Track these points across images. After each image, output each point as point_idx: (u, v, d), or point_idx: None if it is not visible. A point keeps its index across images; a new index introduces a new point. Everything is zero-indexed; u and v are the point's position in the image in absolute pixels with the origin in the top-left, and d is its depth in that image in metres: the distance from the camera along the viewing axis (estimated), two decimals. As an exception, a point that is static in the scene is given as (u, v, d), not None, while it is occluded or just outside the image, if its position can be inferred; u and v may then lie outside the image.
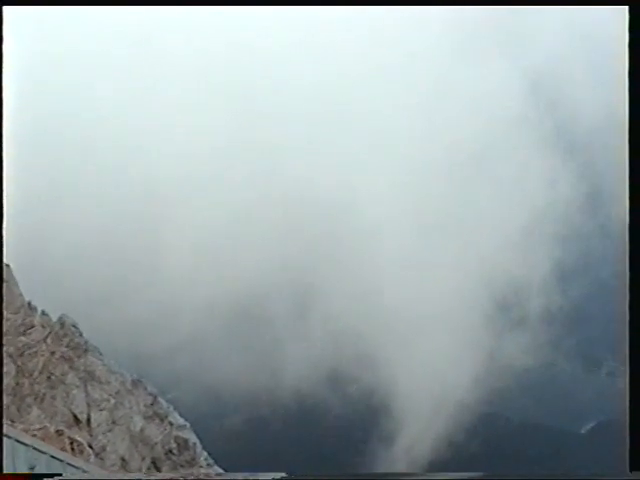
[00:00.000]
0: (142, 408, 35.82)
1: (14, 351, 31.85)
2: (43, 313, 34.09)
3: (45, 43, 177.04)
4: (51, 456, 22.34)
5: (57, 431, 28.74)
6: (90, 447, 30.70)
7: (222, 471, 36.63)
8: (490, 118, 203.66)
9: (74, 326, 34.67)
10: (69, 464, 23.58)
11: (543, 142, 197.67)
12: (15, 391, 31.19)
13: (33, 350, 32.62)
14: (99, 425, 33.17)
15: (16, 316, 32.37)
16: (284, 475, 19.91)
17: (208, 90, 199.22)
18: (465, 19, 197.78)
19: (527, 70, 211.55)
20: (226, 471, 36.66)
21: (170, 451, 35.76)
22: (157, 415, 36.42)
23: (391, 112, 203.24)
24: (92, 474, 23.94)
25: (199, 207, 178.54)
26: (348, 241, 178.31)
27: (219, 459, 38.77)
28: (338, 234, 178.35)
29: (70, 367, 33.57)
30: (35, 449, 21.18)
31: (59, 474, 19.09)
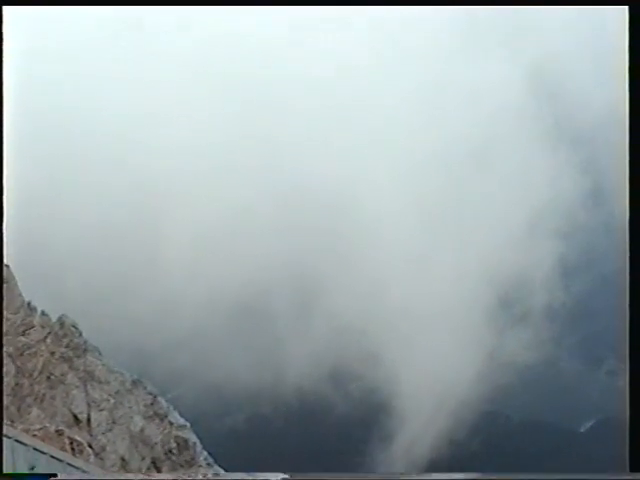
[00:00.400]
0: (142, 408, 35.80)
1: (14, 351, 31.84)
2: (43, 313, 34.07)
3: (44, 38, 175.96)
4: (51, 456, 22.36)
5: (57, 431, 28.74)
6: (90, 447, 30.70)
7: (222, 471, 36.61)
8: (491, 112, 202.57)
9: (74, 326, 34.65)
10: (69, 464, 23.60)
11: (545, 136, 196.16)
12: (15, 391, 31.18)
13: (33, 350, 32.61)
14: (99, 425, 33.16)
15: (16, 316, 32.37)
16: (284, 476, 19.90)
17: (208, 84, 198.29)
18: (465, 13, 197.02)
19: (528, 64, 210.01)
20: (226, 471, 36.64)
21: (170, 451, 35.75)
22: (157, 415, 36.40)
23: (392, 106, 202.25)
24: (89, 474, 23.95)
25: (199, 202, 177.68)
26: (349, 237, 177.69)
27: (219, 458, 38.75)
28: (339, 230, 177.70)
29: (70, 367, 33.56)
30: (35, 449, 21.20)
31: (54, 475, 19.10)
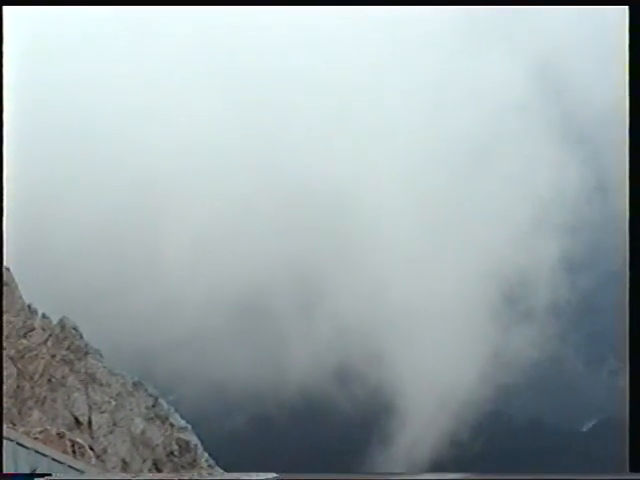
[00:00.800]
0: (143, 410, 35.80)
1: (15, 354, 31.84)
2: (43, 316, 34.09)
3: (44, 38, 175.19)
4: (52, 459, 22.33)
5: (58, 434, 28.72)
6: (91, 449, 30.68)
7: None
8: (494, 110, 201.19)
9: (74, 329, 34.65)
10: (70, 467, 23.57)
11: (550, 131, 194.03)
12: (16, 394, 31.19)
13: (34, 353, 32.61)
14: (100, 427, 33.16)
15: (16, 319, 32.38)
16: (275, 475, 19.92)
17: (208, 83, 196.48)
18: (468, 9, 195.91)
19: (532, 59, 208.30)
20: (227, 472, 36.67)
21: (171, 453, 35.75)
22: (158, 417, 36.40)
23: (394, 105, 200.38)
24: (85, 474, 23.93)
25: (199, 201, 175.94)
26: (351, 236, 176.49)
27: (221, 460, 38.73)
28: (341, 229, 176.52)
29: (71, 370, 33.56)
30: (37, 452, 21.18)
31: (49, 474, 19.10)
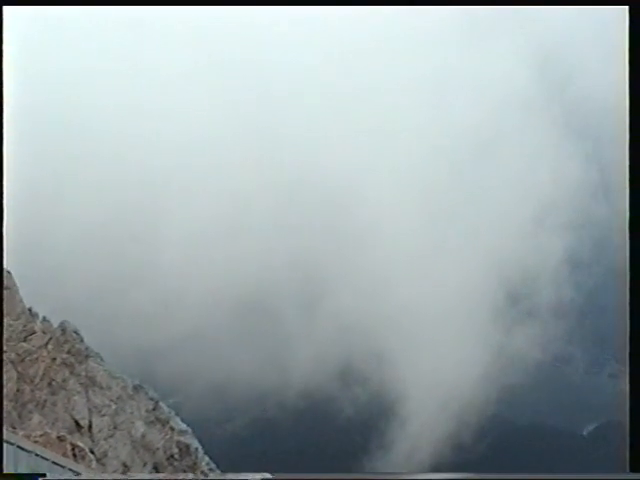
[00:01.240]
0: (143, 413, 35.79)
1: (15, 357, 31.82)
2: (44, 319, 34.07)
3: (44, 38, 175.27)
4: (53, 462, 22.30)
5: (59, 437, 28.69)
6: (92, 453, 30.65)
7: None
8: (497, 104, 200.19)
9: (75, 332, 34.66)
10: (71, 470, 23.54)
11: (553, 127, 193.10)
12: (16, 397, 31.16)
13: (34, 356, 32.59)
14: (100, 431, 33.14)
15: (17, 322, 32.36)
16: (268, 476, 19.92)
17: (208, 80, 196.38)
18: (469, 7, 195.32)
19: (534, 55, 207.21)
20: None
21: (172, 456, 35.73)
22: (159, 420, 36.39)
23: (396, 100, 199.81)
24: (81, 475, 23.90)
25: (199, 198, 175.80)
26: (354, 234, 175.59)
27: (222, 463, 38.71)
28: (343, 227, 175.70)
29: (71, 373, 33.54)
30: (37, 455, 21.15)
31: (43, 474, 19.08)
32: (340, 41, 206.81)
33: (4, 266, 30.70)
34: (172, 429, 36.70)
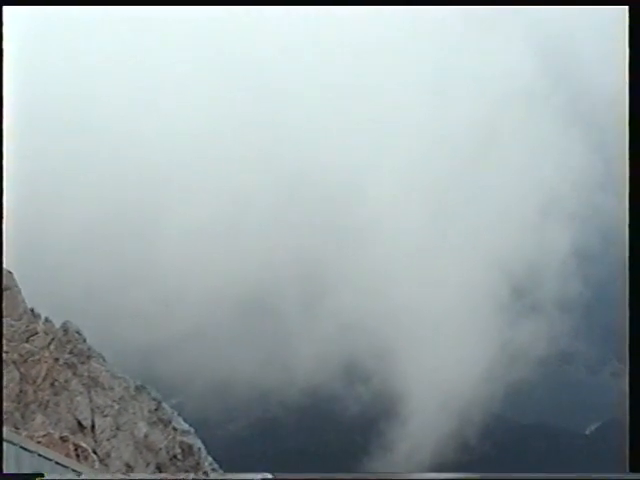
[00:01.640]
0: (146, 414, 35.84)
1: (18, 358, 31.85)
2: (46, 320, 34.11)
3: (44, 36, 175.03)
4: (56, 462, 22.33)
5: (61, 437, 28.72)
6: (95, 453, 30.69)
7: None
8: (500, 96, 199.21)
9: (77, 333, 34.70)
10: (74, 470, 23.58)
11: (556, 118, 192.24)
12: (19, 398, 31.20)
13: (36, 357, 32.62)
14: (103, 431, 33.18)
15: (19, 323, 32.40)
16: (269, 476, 19.94)
17: (209, 74, 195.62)
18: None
19: (538, 46, 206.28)
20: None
21: (175, 456, 35.78)
22: (161, 421, 36.45)
23: (397, 94, 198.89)
24: (81, 475, 23.93)
25: (200, 195, 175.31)
26: (356, 230, 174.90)
27: (225, 463, 38.77)
28: (345, 223, 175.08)
29: (74, 373, 33.59)
30: (40, 455, 21.18)
31: (40, 474, 19.12)
32: (341, 38, 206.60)
33: (6, 266, 30.79)
34: (175, 429, 36.76)
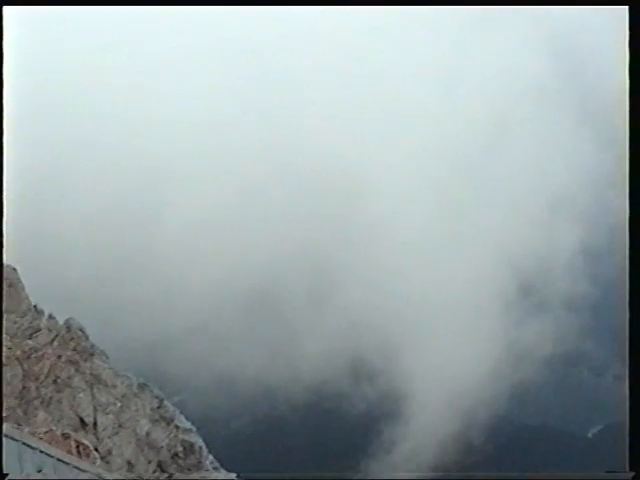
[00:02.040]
0: (148, 411, 35.92)
1: (20, 355, 31.97)
2: (50, 317, 34.22)
3: (45, 34, 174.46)
4: (58, 459, 22.42)
5: (63, 434, 28.80)
6: (96, 450, 30.77)
7: (229, 474, 36.73)
8: (510, 93, 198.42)
9: (80, 330, 34.81)
10: (76, 467, 23.67)
11: (568, 116, 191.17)
12: (22, 395, 31.32)
13: (39, 354, 32.72)
14: (105, 429, 33.27)
15: (22, 319, 32.50)
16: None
17: (219, 63, 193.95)
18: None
19: (548, 42, 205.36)
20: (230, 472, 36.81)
21: (176, 455, 35.86)
22: (163, 418, 36.53)
23: (409, 89, 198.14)
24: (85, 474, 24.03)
25: (207, 186, 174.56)
26: (364, 225, 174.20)
27: (227, 462, 38.84)
28: (353, 216, 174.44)
29: (76, 370, 33.69)
30: (42, 452, 21.27)
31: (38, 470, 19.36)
32: (352, 29, 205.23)
33: (10, 263, 30.88)
34: (177, 427, 36.83)
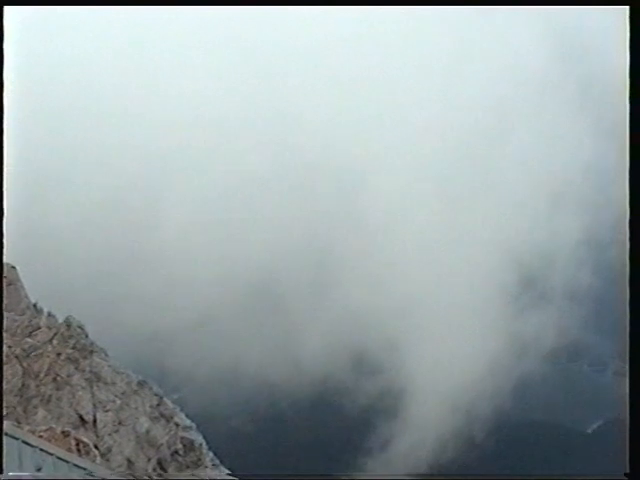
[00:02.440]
0: (148, 409, 35.89)
1: (20, 352, 31.97)
2: (49, 315, 34.22)
3: (45, 32, 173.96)
4: (57, 457, 22.38)
5: (63, 432, 28.79)
6: (96, 448, 30.76)
7: (228, 471, 36.73)
8: (511, 84, 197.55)
9: (80, 327, 34.79)
10: (75, 465, 23.63)
11: (568, 106, 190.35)
12: (21, 392, 31.31)
13: (39, 351, 32.73)
14: (105, 426, 33.26)
15: (22, 318, 32.50)
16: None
17: (222, 57, 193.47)
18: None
19: (549, 32, 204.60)
20: (232, 471, 36.78)
21: (176, 452, 35.82)
22: (163, 416, 36.49)
23: (410, 82, 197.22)
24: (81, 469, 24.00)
25: (209, 181, 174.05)
26: (367, 219, 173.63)
27: (227, 459, 38.84)
28: (356, 212, 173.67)
29: (76, 368, 33.68)
30: (42, 450, 21.22)
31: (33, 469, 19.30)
32: (354, 25, 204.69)
33: (9, 261, 30.86)
34: (176, 425, 36.79)
